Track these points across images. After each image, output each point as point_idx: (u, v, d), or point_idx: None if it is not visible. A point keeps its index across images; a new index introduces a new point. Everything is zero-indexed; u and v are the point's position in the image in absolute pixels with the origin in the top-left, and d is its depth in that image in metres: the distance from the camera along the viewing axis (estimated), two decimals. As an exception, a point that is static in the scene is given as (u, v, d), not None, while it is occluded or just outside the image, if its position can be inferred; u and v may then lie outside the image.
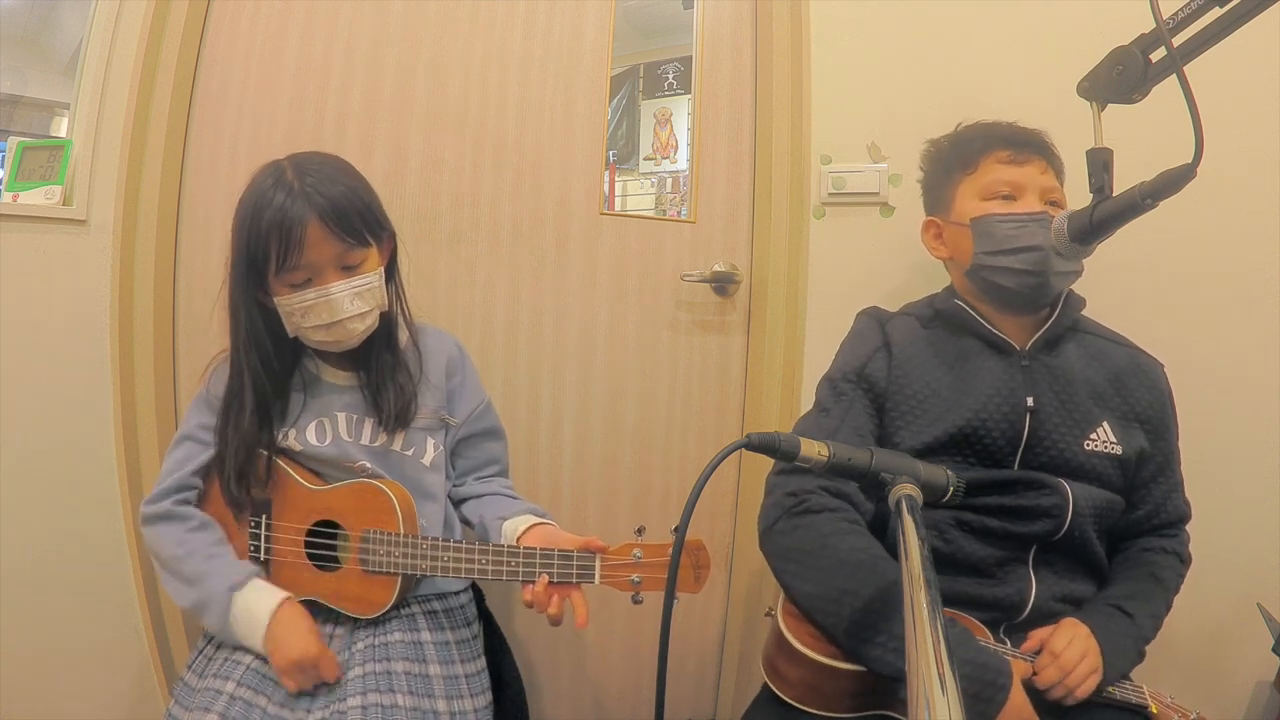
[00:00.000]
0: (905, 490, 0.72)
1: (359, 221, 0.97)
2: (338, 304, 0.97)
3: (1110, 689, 0.91)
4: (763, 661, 0.98)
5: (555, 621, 0.93)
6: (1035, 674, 0.89)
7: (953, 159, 1.08)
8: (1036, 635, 0.93)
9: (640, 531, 0.92)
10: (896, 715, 0.90)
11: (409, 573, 0.97)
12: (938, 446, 0.98)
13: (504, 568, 0.93)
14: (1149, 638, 0.95)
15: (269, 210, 0.93)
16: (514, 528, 1.01)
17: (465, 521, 1.12)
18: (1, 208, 1.22)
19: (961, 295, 1.08)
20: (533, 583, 0.92)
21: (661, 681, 0.69)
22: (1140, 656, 0.94)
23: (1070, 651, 0.88)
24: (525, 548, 0.94)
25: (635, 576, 0.91)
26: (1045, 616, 0.95)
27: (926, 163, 1.14)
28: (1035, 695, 0.87)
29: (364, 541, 0.98)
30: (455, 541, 0.96)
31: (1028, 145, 1.03)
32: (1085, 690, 0.87)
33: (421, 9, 1.39)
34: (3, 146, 1.32)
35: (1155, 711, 0.92)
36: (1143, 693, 0.93)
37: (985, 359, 1.02)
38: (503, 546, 0.95)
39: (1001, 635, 0.96)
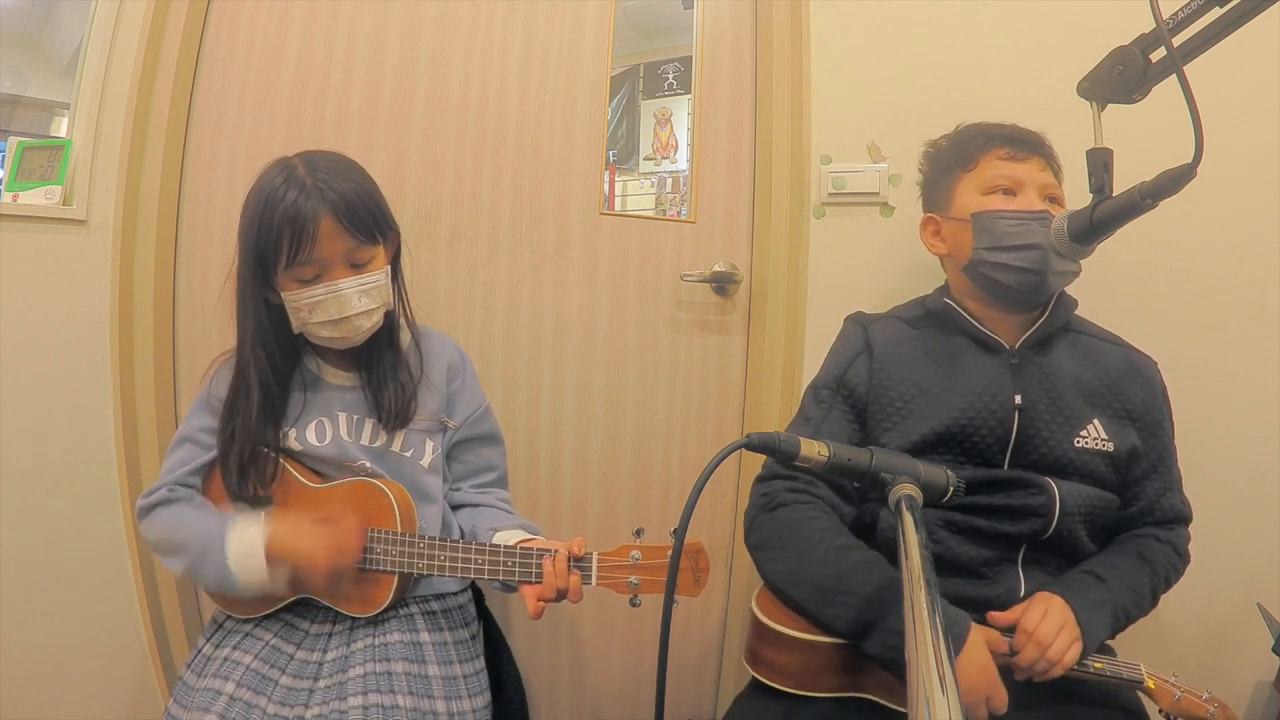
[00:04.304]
0: (905, 490, 0.72)
1: (369, 219, 0.97)
2: (346, 300, 0.97)
3: (1100, 664, 0.91)
4: (745, 654, 1.01)
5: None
6: (1013, 655, 0.88)
7: (952, 157, 1.08)
8: (1006, 614, 0.91)
9: (639, 533, 0.92)
10: (874, 698, 0.91)
11: (406, 571, 0.97)
12: (925, 446, 0.98)
13: (500, 567, 0.93)
14: (1126, 607, 0.94)
15: (281, 205, 0.93)
16: (505, 539, 1.00)
17: (460, 531, 1.12)
18: (1, 208, 1.22)
19: (954, 294, 1.08)
20: (530, 582, 0.92)
21: (661, 682, 0.69)
22: (1116, 621, 0.93)
23: (1046, 625, 0.87)
24: (522, 548, 0.94)
25: (633, 578, 0.91)
26: None
27: (926, 162, 1.14)
28: (1027, 686, 0.88)
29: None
30: (453, 541, 0.96)
31: (1026, 144, 1.03)
32: (1069, 661, 0.87)
33: (421, 9, 1.39)
34: (3, 146, 1.32)
35: (1153, 686, 0.91)
36: (1138, 669, 0.92)
37: (975, 358, 1.02)
38: (499, 546, 0.95)
39: None
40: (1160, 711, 0.93)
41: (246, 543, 0.92)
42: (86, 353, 1.29)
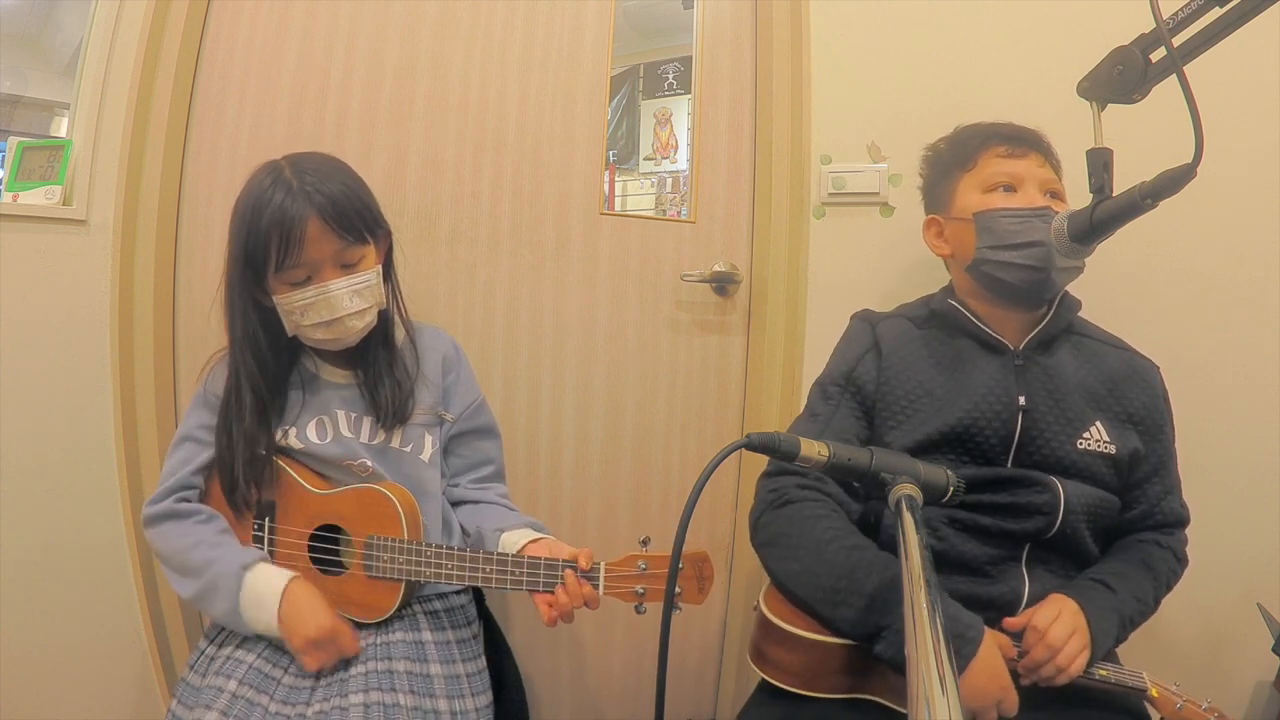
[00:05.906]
0: (905, 490, 0.72)
1: (357, 219, 0.98)
2: (337, 301, 0.97)
3: (1105, 672, 0.91)
4: (750, 653, 1.00)
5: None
6: (1021, 656, 0.88)
7: (951, 158, 1.08)
8: (1019, 619, 0.91)
9: (645, 542, 0.92)
10: (880, 700, 0.90)
11: (413, 579, 0.97)
12: (930, 445, 0.98)
13: (508, 577, 0.93)
14: (1132, 616, 0.94)
15: (269, 209, 0.93)
16: (513, 540, 1.00)
17: (461, 529, 1.12)
18: (1, 208, 1.22)
19: (958, 295, 1.08)
20: (539, 591, 0.92)
21: (661, 682, 0.69)
22: (1122, 630, 0.93)
23: (1058, 627, 0.87)
24: (530, 557, 0.93)
25: (640, 588, 0.91)
26: None
27: (925, 165, 1.15)
28: (1032, 689, 0.87)
29: (368, 548, 0.98)
30: (460, 550, 0.95)
31: (1024, 140, 1.04)
32: (1077, 668, 0.87)
33: (421, 9, 1.39)
34: (3, 146, 1.32)
35: (1156, 695, 0.91)
36: (1141, 676, 0.92)
37: (979, 359, 1.02)
38: (507, 556, 0.94)
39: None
40: (1162, 719, 0.93)
41: (265, 592, 0.93)
42: (86, 353, 1.28)
